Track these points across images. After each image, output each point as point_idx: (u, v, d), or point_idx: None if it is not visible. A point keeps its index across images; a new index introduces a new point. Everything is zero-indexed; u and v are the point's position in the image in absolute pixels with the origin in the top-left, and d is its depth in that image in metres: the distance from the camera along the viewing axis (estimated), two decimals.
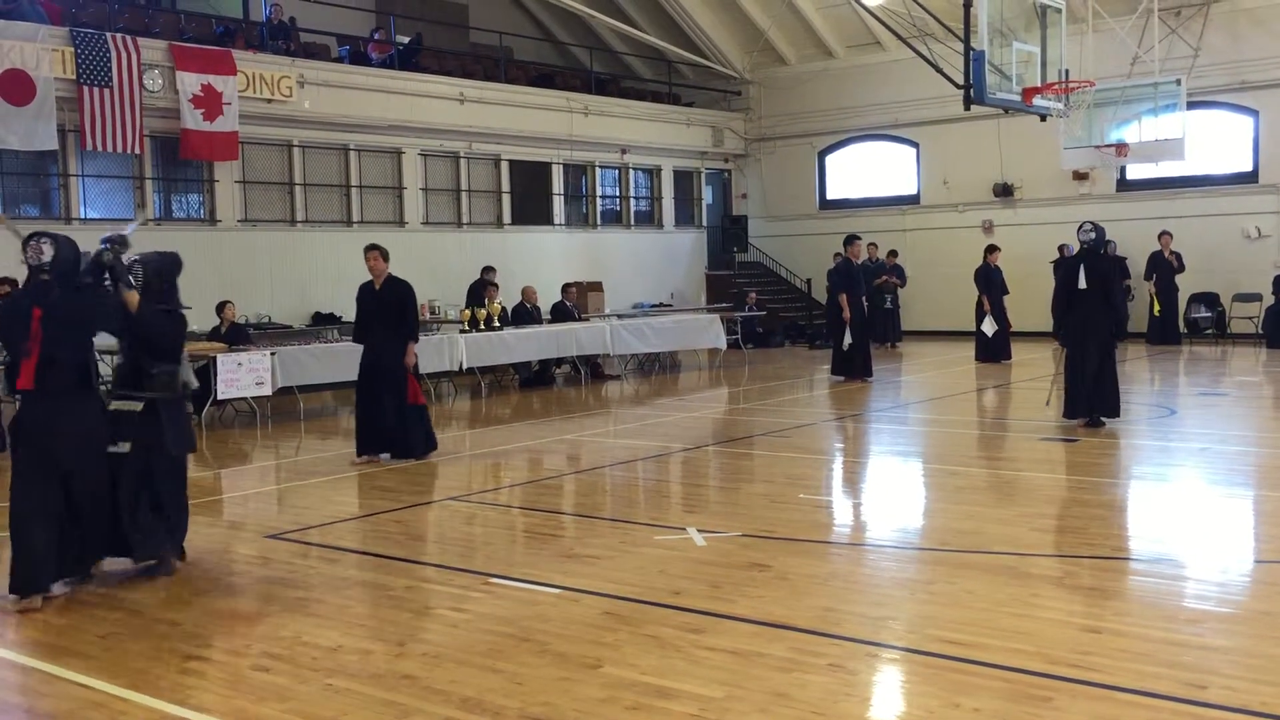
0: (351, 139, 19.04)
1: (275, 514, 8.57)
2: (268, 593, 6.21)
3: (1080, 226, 11.38)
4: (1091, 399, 11.06)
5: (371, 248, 10.48)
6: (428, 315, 19.18)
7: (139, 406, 6.57)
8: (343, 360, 14.02)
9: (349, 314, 17.86)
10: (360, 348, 10.64)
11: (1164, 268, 20.47)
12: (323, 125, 18.47)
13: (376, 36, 20.79)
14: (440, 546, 7.41)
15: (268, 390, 13.18)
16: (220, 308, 14.52)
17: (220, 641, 5.36)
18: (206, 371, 13.16)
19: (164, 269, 6.85)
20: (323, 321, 17.75)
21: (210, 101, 16.56)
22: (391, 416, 10.27)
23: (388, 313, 10.32)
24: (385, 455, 10.40)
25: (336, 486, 9.47)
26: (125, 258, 6.53)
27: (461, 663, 4.94)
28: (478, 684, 4.68)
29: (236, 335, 14.33)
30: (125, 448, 6.48)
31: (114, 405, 6.63)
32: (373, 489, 9.23)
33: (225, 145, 16.88)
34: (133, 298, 6.49)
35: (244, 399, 13.62)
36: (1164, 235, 20.58)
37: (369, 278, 10.53)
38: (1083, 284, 11.03)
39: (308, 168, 18.65)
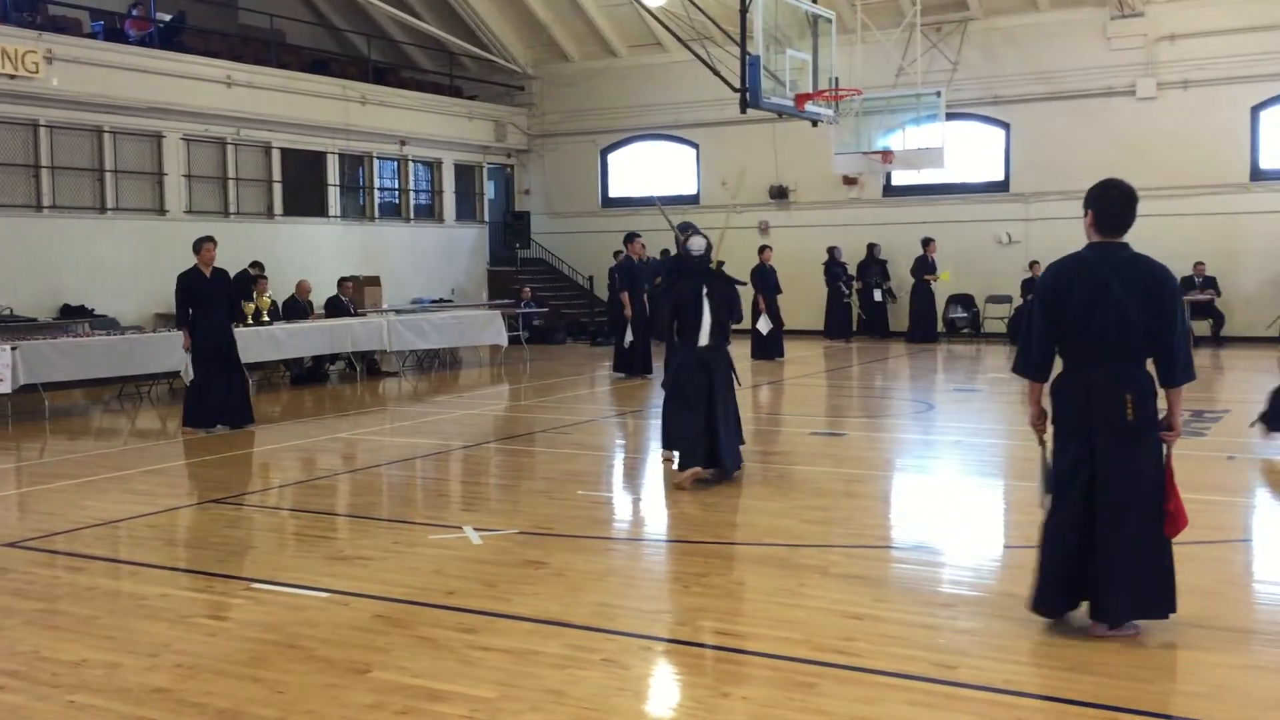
0: (106, 120, 17.88)
1: (15, 521, 7.93)
2: (4, 606, 5.72)
3: None
4: None
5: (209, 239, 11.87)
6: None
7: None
8: (95, 356, 13.18)
9: (102, 306, 16.89)
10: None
11: (929, 270, 21.73)
12: (73, 105, 17.27)
13: (135, 13, 19.58)
14: (199, 552, 7.01)
15: (7, 388, 12.20)
16: None
17: None
18: None
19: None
20: (73, 314, 16.54)
21: None
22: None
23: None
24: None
25: (86, 490, 8.84)
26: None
27: (219, 673, 4.68)
28: (236, 695, 4.44)
29: None
30: None
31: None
32: (126, 493, 8.67)
33: None
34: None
35: None
36: (930, 243, 21.72)
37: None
38: None
39: (55, 150, 17.39)
